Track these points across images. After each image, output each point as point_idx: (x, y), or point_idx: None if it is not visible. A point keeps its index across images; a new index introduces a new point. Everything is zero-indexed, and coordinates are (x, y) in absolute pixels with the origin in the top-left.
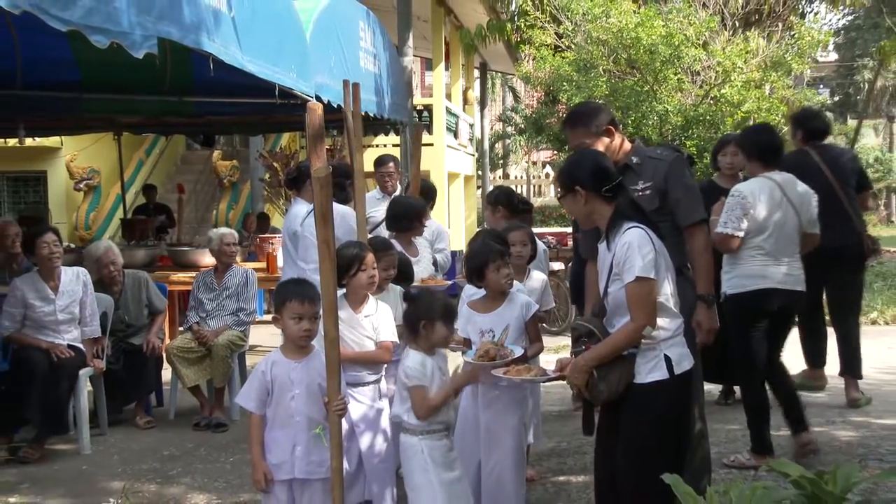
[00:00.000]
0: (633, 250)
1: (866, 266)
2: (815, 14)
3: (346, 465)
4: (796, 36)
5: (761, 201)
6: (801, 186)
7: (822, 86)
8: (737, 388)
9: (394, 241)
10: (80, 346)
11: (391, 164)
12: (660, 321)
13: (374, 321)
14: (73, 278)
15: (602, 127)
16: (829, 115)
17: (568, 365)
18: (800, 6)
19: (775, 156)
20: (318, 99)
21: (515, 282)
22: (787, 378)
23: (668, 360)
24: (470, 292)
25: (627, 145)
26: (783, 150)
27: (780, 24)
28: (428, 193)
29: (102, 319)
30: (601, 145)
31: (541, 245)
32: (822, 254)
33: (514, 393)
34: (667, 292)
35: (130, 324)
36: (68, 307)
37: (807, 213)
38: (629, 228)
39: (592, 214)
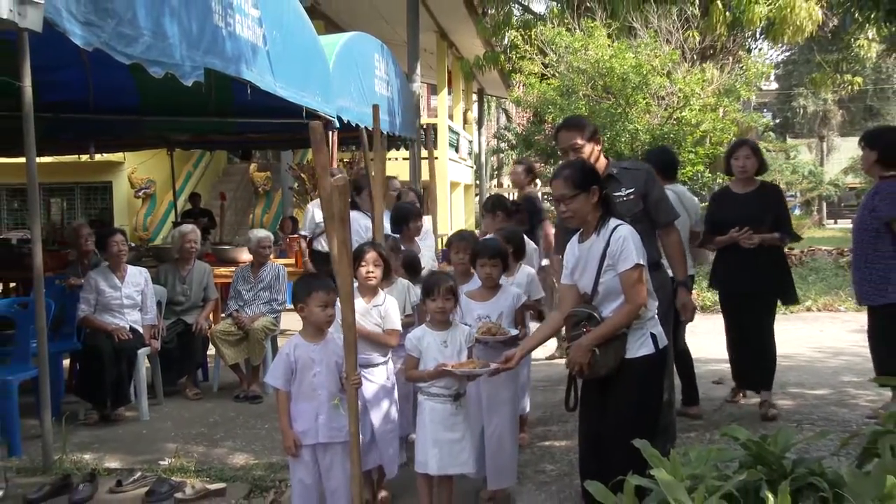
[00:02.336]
0: (629, 242)
1: None
2: (760, 50)
3: (361, 435)
4: (744, 68)
5: (680, 204)
6: (689, 195)
7: (765, 110)
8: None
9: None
10: (139, 328)
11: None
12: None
13: (381, 311)
14: (136, 273)
15: (595, 135)
16: (771, 134)
17: (513, 357)
18: (747, 43)
19: (675, 171)
20: (340, 119)
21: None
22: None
23: (654, 337)
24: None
25: (603, 160)
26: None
27: (731, 58)
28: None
29: (157, 307)
30: (588, 148)
31: (531, 244)
32: None
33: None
34: (647, 278)
35: (189, 298)
36: (131, 295)
37: (695, 215)
38: (619, 225)
39: (591, 212)
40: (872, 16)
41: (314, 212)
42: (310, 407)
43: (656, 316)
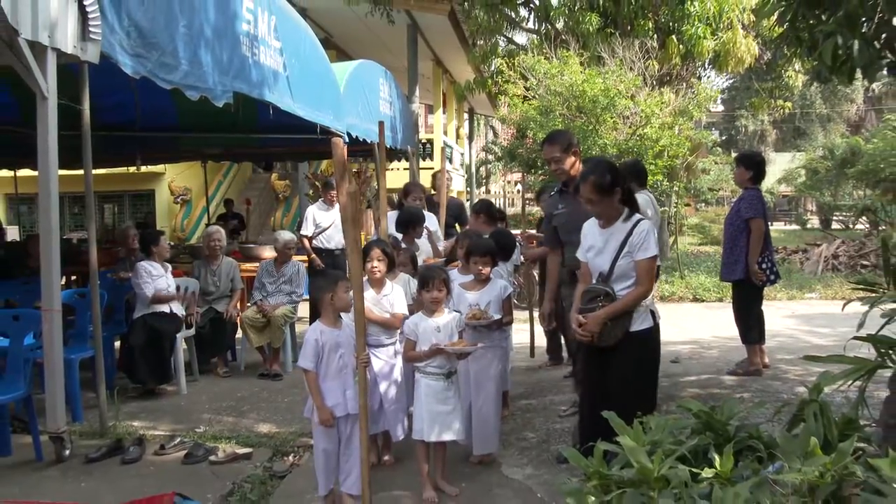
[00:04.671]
0: (650, 235)
1: None
2: (708, 77)
3: (371, 405)
4: (695, 92)
5: (651, 207)
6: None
7: (713, 128)
8: None
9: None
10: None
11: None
12: None
13: (390, 300)
14: (166, 269)
15: (570, 148)
16: (718, 149)
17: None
18: (698, 71)
19: (646, 179)
20: (349, 135)
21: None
22: None
23: (652, 313)
24: (453, 277)
25: (580, 167)
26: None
27: (685, 84)
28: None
29: (192, 297)
30: (567, 161)
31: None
32: None
33: (496, 351)
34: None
35: (219, 289)
36: (172, 282)
37: (658, 216)
38: (642, 220)
39: (615, 209)
40: (797, 51)
41: (314, 214)
42: (337, 384)
43: (653, 296)
